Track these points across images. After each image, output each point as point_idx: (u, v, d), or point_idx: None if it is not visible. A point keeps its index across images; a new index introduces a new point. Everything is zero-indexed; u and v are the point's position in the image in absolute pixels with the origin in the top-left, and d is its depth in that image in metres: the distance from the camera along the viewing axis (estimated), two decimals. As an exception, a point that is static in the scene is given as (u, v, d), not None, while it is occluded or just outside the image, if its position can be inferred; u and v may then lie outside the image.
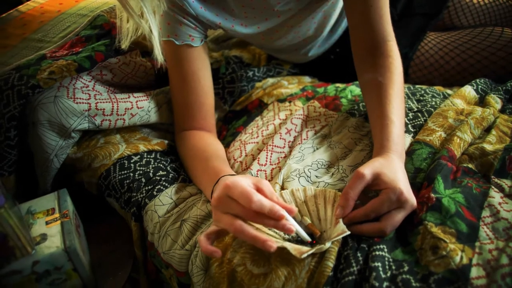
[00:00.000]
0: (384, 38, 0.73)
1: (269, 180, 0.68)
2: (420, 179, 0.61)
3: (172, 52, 0.76)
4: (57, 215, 0.67)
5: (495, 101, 0.74)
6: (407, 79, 0.97)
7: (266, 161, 0.71)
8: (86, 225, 0.80)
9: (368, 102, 0.70)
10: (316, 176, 0.66)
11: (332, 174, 0.65)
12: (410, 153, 0.65)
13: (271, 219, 0.51)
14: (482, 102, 0.77)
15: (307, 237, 0.54)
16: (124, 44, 0.65)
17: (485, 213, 0.54)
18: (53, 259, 0.60)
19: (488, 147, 0.64)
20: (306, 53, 0.98)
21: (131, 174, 0.75)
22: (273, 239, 0.53)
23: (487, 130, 0.70)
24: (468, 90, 0.78)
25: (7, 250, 0.57)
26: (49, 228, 0.64)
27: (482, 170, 0.63)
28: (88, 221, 0.81)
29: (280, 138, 0.74)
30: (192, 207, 0.68)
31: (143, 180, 0.74)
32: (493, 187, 0.58)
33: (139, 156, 0.79)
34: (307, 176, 0.65)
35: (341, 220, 0.54)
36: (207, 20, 0.75)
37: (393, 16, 0.98)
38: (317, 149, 0.72)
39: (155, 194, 0.71)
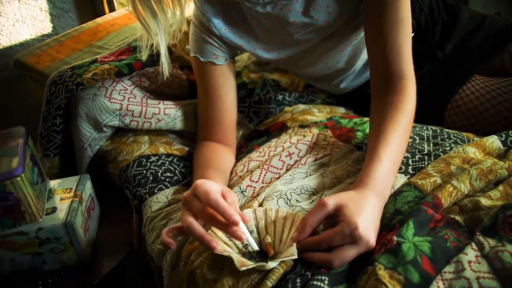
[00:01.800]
0: (400, 76, 0.71)
1: (254, 197, 0.71)
2: (396, 221, 0.58)
3: (198, 68, 0.84)
4: (71, 194, 0.77)
5: (520, 157, 0.67)
6: (442, 122, 0.92)
7: (259, 178, 0.74)
8: (108, 209, 0.90)
9: (369, 136, 0.69)
10: (296, 200, 0.66)
11: (313, 201, 0.65)
12: (396, 194, 0.62)
13: (224, 224, 0.54)
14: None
15: (255, 247, 0.56)
16: (144, 56, 0.74)
17: (449, 268, 0.50)
18: (54, 229, 0.70)
19: (485, 201, 0.59)
20: (337, 85, 0.98)
21: (144, 172, 0.83)
22: (225, 246, 0.56)
23: (497, 185, 0.64)
24: (492, 140, 0.72)
25: (18, 214, 0.68)
26: (61, 204, 0.75)
27: (469, 224, 0.58)
28: (110, 207, 0.91)
29: (279, 160, 0.76)
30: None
31: (151, 178, 0.81)
32: (473, 244, 0.53)
33: (157, 157, 0.87)
34: (287, 199, 0.66)
35: (294, 244, 0.55)
36: (230, 41, 0.81)
37: (436, 56, 0.95)
38: (309, 175, 0.72)
39: (155, 192, 0.78)
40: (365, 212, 0.54)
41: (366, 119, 0.90)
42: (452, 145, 0.74)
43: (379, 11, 0.70)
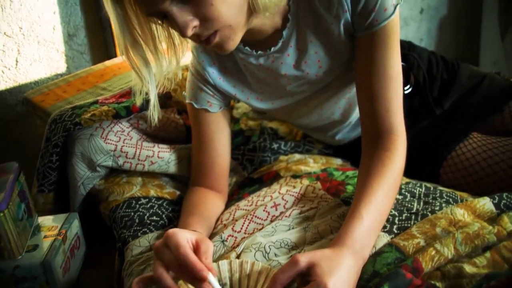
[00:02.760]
0: (389, 131, 0.71)
1: (234, 247, 0.69)
2: (373, 284, 0.56)
3: (192, 114, 0.86)
4: (55, 232, 0.78)
5: (512, 223, 0.64)
6: (438, 180, 0.90)
7: (241, 228, 0.73)
8: (97, 250, 0.90)
9: (355, 192, 0.68)
10: (275, 254, 0.65)
11: (291, 256, 0.64)
12: (376, 254, 0.60)
13: (192, 277, 0.53)
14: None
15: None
16: (138, 101, 0.76)
17: None
18: (31, 268, 0.69)
19: (469, 269, 0.56)
20: (333, 136, 0.98)
21: (132, 214, 0.83)
22: None
23: (484, 251, 0.61)
24: (484, 202, 0.69)
25: None
26: (44, 241, 0.75)
27: (451, 292, 0.55)
28: (99, 247, 0.91)
29: (264, 211, 0.75)
30: (161, 255, 0.72)
31: (137, 220, 0.81)
32: (452, 315, 0.50)
33: (147, 200, 0.87)
34: (265, 252, 0.65)
35: (264, 301, 0.53)
36: (224, 90, 0.83)
37: (433, 113, 0.94)
38: (292, 228, 0.71)
39: (139, 235, 0.77)
40: (338, 272, 0.52)
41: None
42: (443, 204, 0.72)
43: (369, 67, 0.71)
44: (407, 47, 0.98)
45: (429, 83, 0.95)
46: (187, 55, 0.80)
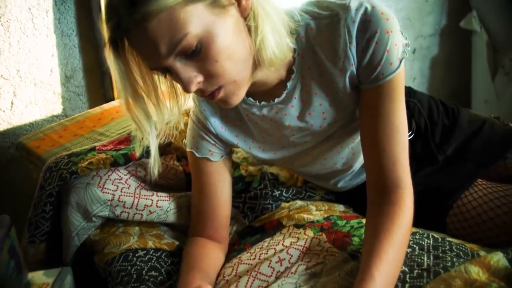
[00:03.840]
0: (396, 185, 0.69)
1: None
2: None
3: (193, 163, 0.83)
4: None
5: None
6: (445, 229, 0.88)
7: (245, 287, 0.69)
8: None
9: (363, 248, 0.65)
10: (283, 317, 0.61)
11: (300, 319, 0.60)
12: (390, 318, 0.57)
13: None
14: (514, 276, 0.65)
15: None
16: (138, 152, 0.74)
17: None
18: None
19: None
20: (335, 184, 0.96)
21: (129, 268, 0.79)
22: None
23: (503, 313, 0.58)
24: (497, 258, 0.67)
25: None
26: None
27: None
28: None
29: (269, 266, 0.72)
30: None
31: (135, 276, 0.77)
32: None
33: (145, 252, 0.83)
34: (273, 314, 0.61)
35: None
36: (226, 139, 0.81)
37: (436, 159, 0.93)
38: (299, 286, 0.67)
39: (136, 293, 0.73)
40: None
41: (364, 221, 0.86)
42: (454, 259, 0.69)
43: (375, 120, 0.70)
44: (407, 93, 0.97)
45: (431, 128, 0.94)
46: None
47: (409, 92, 0.99)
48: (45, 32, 1.25)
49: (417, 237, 0.77)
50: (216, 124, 0.80)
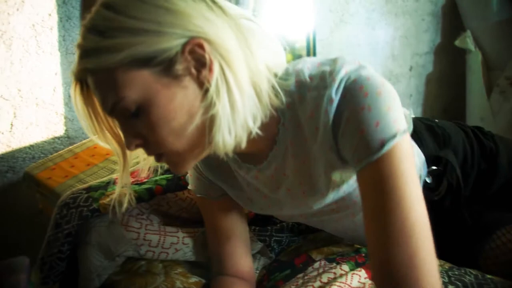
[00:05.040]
0: None
1: None
2: None
3: (197, 200, 0.80)
4: None
5: None
6: (476, 264, 0.85)
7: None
8: None
9: None
10: None
11: None
12: None
13: None
14: None
15: None
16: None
17: None
18: None
19: None
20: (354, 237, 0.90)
21: (158, 312, 0.74)
22: None
23: None
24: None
25: None
26: None
27: None
28: None
29: (313, 310, 0.68)
30: None
31: (166, 322, 0.72)
32: None
33: (172, 293, 0.78)
34: None
35: None
36: (216, 183, 0.77)
37: (465, 220, 0.85)
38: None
39: None
40: None
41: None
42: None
43: (372, 214, 0.54)
44: (441, 141, 0.84)
45: (463, 180, 0.82)
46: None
47: (444, 140, 0.84)
48: (49, 50, 1.18)
49: (456, 273, 0.75)
50: (205, 168, 0.76)
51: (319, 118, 0.57)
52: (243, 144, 0.57)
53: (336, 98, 0.55)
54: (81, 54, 0.53)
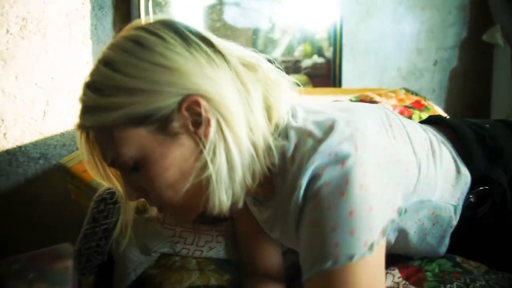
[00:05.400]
0: None
1: None
2: None
3: None
4: None
5: None
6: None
7: None
8: None
9: None
10: None
11: None
12: None
13: None
14: None
15: None
16: None
17: None
18: None
19: None
20: None
21: (194, 308, 0.76)
22: None
23: None
24: None
25: None
26: None
27: None
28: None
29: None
30: None
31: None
32: None
33: (207, 289, 0.80)
34: None
35: None
36: None
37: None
38: None
39: None
40: None
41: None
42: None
43: None
44: (494, 153, 0.74)
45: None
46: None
47: (496, 154, 0.75)
48: (81, 39, 1.18)
49: (493, 277, 0.73)
50: None
51: (291, 203, 0.53)
52: (241, 203, 0.56)
53: (302, 196, 0.51)
54: (81, 109, 0.55)
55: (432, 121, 0.83)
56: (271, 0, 1.86)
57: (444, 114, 1.30)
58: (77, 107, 0.55)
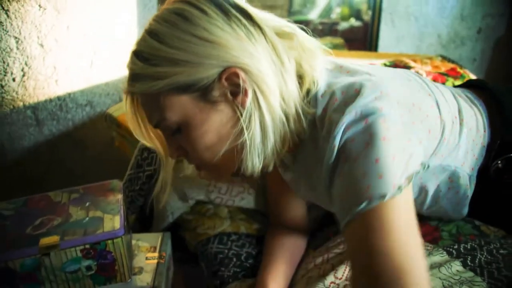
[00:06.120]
0: None
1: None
2: None
3: None
4: (156, 254, 0.77)
5: None
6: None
7: (343, 275, 0.72)
8: (176, 267, 0.90)
9: None
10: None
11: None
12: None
13: None
14: None
15: None
16: None
17: None
18: (141, 292, 0.70)
19: None
20: None
21: (226, 251, 0.84)
22: None
23: None
24: None
25: (111, 272, 0.68)
26: (147, 264, 0.75)
27: None
28: (179, 265, 0.91)
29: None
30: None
31: (234, 260, 0.82)
32: None
33: (237, 236, 0.88)
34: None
35: None
36: None
37: None
38: None
39: (239, 277, 0.79)
40: None
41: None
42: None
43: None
44: None
45: None
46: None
47: None
48: (127, -9, 1.22)
49: (509, 241, 0.73)
50: None
51: (324, 152, 0.56)
52: (271, 167, 0.63)
53: (334, 157, 0.54)
54: (129, 76, 0.60)
55: (473, 85, 0.84)
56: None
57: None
58: (120, 58, 0.60)
